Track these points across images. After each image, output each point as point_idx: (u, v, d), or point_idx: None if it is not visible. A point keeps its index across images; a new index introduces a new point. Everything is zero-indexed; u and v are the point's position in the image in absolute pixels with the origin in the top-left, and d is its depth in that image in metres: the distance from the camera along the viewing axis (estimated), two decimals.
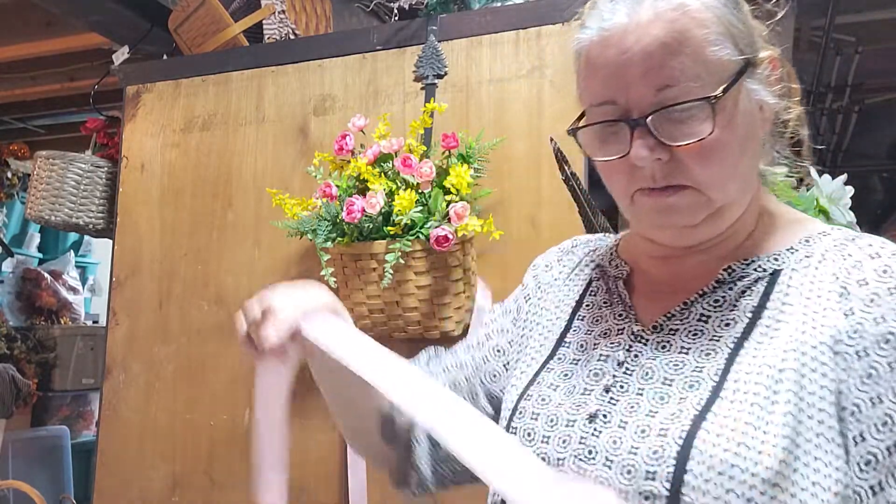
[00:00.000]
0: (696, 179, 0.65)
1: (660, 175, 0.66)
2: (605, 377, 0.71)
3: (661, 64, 0.63)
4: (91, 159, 2.01)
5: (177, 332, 1.75)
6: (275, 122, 1.73)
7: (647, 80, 0.64)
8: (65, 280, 3.88)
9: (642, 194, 0.68)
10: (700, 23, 0.64)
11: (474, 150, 1.38)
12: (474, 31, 1.54)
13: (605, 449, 0.65)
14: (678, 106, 0.63)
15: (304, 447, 1.57)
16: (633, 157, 0.65)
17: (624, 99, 0.66)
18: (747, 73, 0.66)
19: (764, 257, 0.69)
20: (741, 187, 0.68)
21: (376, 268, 1.36)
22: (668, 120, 0.64)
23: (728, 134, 0.64)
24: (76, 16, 2.02)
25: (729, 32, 0.65)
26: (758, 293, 0.68)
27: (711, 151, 0.64)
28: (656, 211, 0.68)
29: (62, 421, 3.36)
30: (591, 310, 0.79)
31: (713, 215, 0.68)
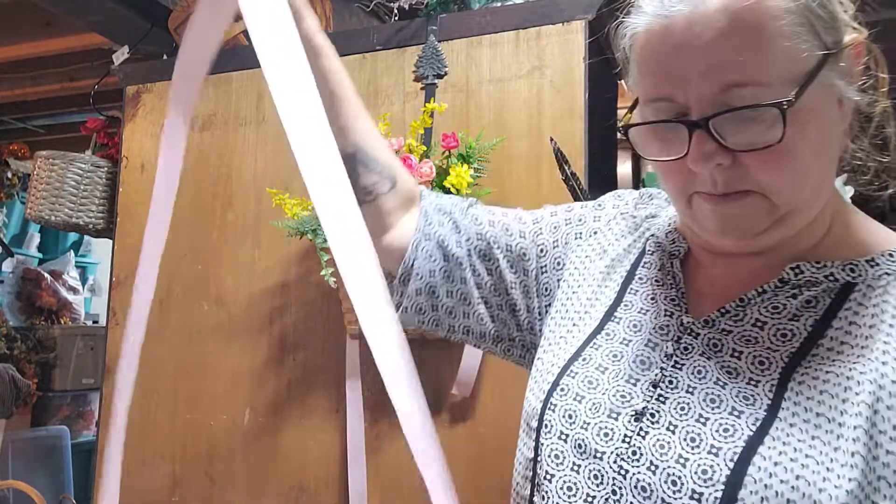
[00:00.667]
0: (761, 186, 0.58)
1: (721, 181, 0.59)
2: (652, 369, 0.65)
3: (727, 61, 0.56)
4: (91, 159, 2.01)
5: (177, 332, 1.75)
6: (275, 122, 1.72)
7: (710, 77, 0.56)
8: (65, 280, 3.88)
9: (701, 198, 0.61)
10: (774, 13, 0.56)
11: (474, 150, 1.38)
12: (474, 31, 1.54)
13: (651, 452, 0.61)
14: (745, 110, 0.56)
15: (304, 447, 1.57)
16: (691, 163, 0.58)
17: (683, 97, 0.58)
18: (827, 65, 0.58)
19: (838, 264, 0.61)
20: (813, 193, 0.61)
21: None
22: (732, 122, 0.57)
23: (800, 139, 0.57)
24: (76, 16, 2.02)
25: (809, 22, 0.57)
26: (823, 306, 0.61)
27: (780, 158, 0.57)
28: (716, 217, 0.61)
29: (62, 421, 3.36)
30: (643, 284, 0.72)
31: (779, 221, 0.61)
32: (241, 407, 1.65)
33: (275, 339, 1.64)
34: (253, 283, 1.68)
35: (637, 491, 0.60)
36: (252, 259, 1.69)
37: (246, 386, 1.65)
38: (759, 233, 0.61)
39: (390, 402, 0.36)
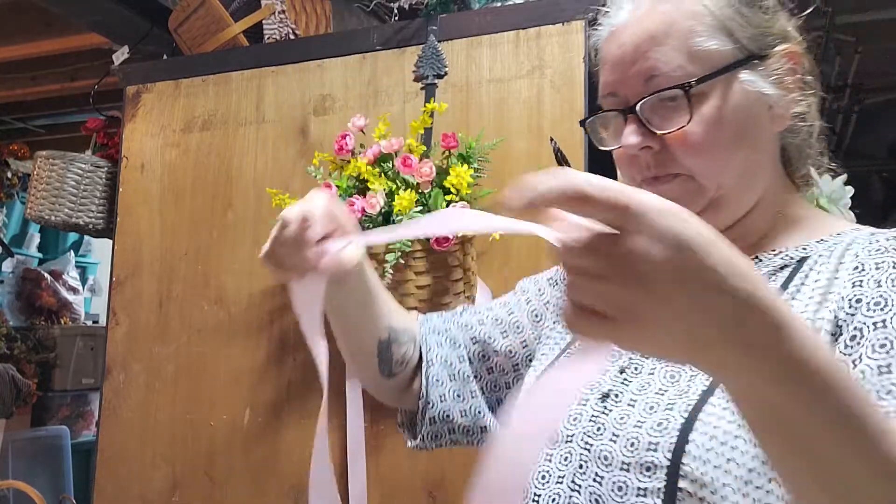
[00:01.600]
0: (685, 167, 0.67)
1: (653, 163, 0.68)
2: (621, 358, 0.72)
3: (647, 55, 0.67)
4: (91, 159, 2.01)
5: (177, 332, 1.75)
6: (275, 122, 1.73)
7: (636, 70, 0.68)
8: (65, 280, 3.88)
9: (645, 184, 0.70)
10: (689, 14, 0.67)
11: (474, 150, 1.38)
12: (474, 31, 1.54)
13: (613, 425, 0.66)
14: (660, 93, 0.66)
15: (305, 447, 1.57)
16: (623, 144, 0.69)
17: (622, 91, 0.69)
18: (746, 65, 0.67)
19: (792, 248, 0.69)
20: (740, 180, 0.68)
21: (376, 268, 1.36)
22: (658, 110, 0.67)
23: (714, 125, 0.66)
24: (76, 16, 2.02)
25: (723, 25, 0.67)
26: (782, 278, 0.67)
27: (696, 141, 0.66)
28: None
29: (62, 421, 3.36)
30: None
31: (712, 206, 0.68)
32: (241, 407, 1.65)
33: (275, 339, 1.64)
34: (253, 283, 1.68)
35: (600, 461, 0.65)
36: (252, 259, 1.69)
37: (246, 386, 1.65)
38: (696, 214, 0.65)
39: None
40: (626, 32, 0.69)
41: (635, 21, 0.69)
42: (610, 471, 0.63)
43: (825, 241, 0.68)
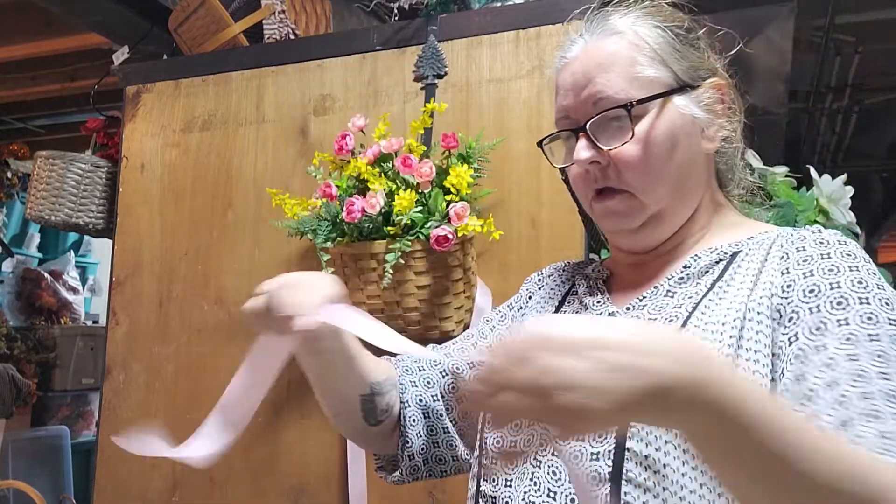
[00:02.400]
0: (627, 182, 0.76)
1: (599, 177, 0.77)
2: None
3: (595, 80, 0.76)
4: (91, 159, 2.01)
5: (177, 332, 1.75)
6: (275, 122, 1.73)
7: (587, 94, 0.77)
8: (65, 280, 3.88)
9: (595, 201, 0.79)
10: (633, 47, 0.77)
11: (474, 150, 1.38)
12: (474, 31, 1.54)
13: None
14: (606, 112, 0.75)
15: (304, 447, 1.57)
16: (575, 159, 0.77)
17: (574, 114, 0.78)
18: (680, 92, 0.77)
19: (725, 244, 0.78)
20: (677, 195, 0.78)
21: (376, 268, 1.36)
22: (604, 130, 0.76)
23: (652, 145, 0.75)
24: (76, 16, 2.02)
25: (660, 57, 0.77)
26: (718, 270, 0.76)
27: (635, 156, 0.75)
28: (603, 215, 0.79)
29: (62, 421, 3.36)
30: (571, 306, 0.87)
31: (653, 220, 0.78)
32: None
33: None
34: (253, 283, 1.67)
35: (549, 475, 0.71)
36: (252, 259, 1.69)
37: None
38: (637, 228, 0.78)
39: None
40: (577, 63, 0.79)
41: (585, 53, 0.79)
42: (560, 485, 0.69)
43: (754, 237, 0.77)
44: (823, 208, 1.22)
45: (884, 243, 5.71)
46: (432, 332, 1.39)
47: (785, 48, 1.61)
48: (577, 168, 0.79)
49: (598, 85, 0.76)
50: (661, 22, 0.79)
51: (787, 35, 1.57)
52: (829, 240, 0.71)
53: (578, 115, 0.78)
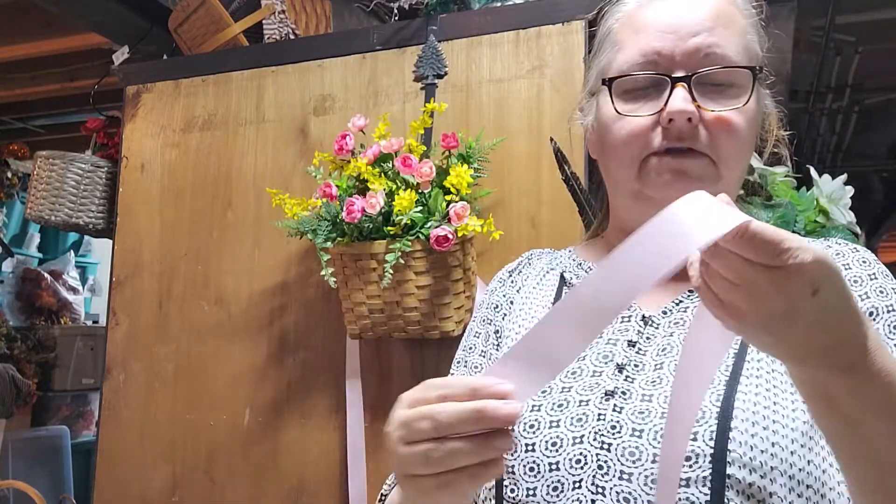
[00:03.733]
0: (716, 150, 0.68)
1: (688, 135, 0.68)
2: (615, 357, 0.70)
3: (713, 31, 0.68)
4: (91, 159, 2.01)
5: (177, 332, 1.75)
6: (275, 122, 1.73)
7: (697, 43, 0.68)
8: (65, 280, 3.88)
9: (656, 157, 0.70)
10: (744, 13, 0.72)
11: (474, 150, 1.38)
12: (474, 31, 1.54)
13: (631, 421, 0.64)
14: (722, 70, 0.67)
15: (305, 447, 1.57)
16: (672, 108, 0.67)
17: (669, 58, 0.69)
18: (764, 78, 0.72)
19: None
20: (739, 178, 0.74)
21: (376, 268, 1.36)
22: (702, 88, 0.68)
23: (752, 117, 0.70)
24: (76, 16, 2.02)
25: (759, 36, 0.73)
26: None
27: (739, 126, 0.68)
28: (669, 171, 0.69)
29: (62, 421, 3.36)
30: None
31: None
32: (241, 407, 1.65)
33: (275, 339, 1.64)
34: (253, 283, 1.68)
35: (625, 458, 0.63)
36: (252, 259, 1.69)
37: (246, 386, 1.65)
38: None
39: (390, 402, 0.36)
40: (682, 3, 0.70)
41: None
42: (639, 466, 0.62)
43: None
44: (823, 208, 1.22)
45: (884, 243, 5.71)
46: (432, 333, 1.39)
47: (785, 48, 1.61)
48: (645, 121, 0.69)
49: (716, 36, 0.68)
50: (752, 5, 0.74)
51: (787, 35, 1.57)
52: (867, 258, 0.70)
53: (674, 64, 0.69)
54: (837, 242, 0.73)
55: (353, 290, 1.41)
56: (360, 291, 1.40)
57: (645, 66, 0.70)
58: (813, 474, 0.60)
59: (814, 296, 0.46)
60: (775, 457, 0.59)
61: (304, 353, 1.61)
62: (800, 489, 0.59)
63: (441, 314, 1.38)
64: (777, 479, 0.59)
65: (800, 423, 0.61)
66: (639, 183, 0.72)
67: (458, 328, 1.40)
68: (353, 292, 1.41)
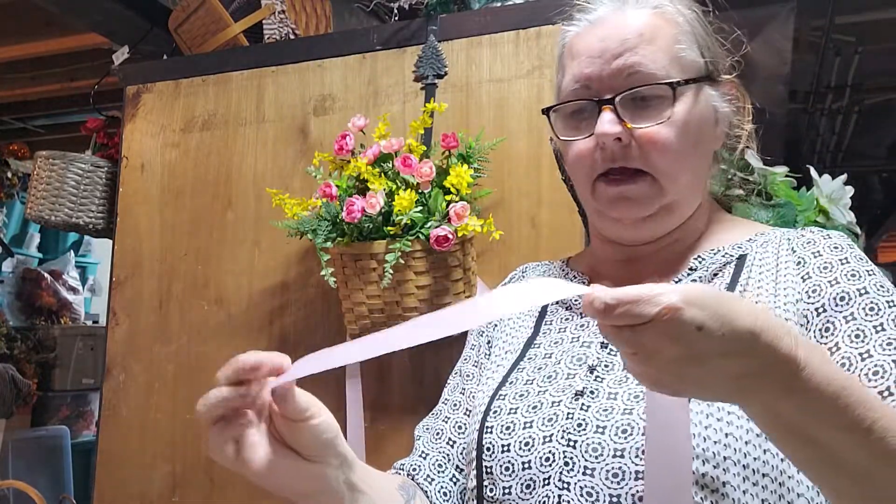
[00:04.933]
0: (652, 165, 0.71)
1: (619, 156, 0.71)
2: (588, 359, 0.73)
3: (635, 50, 0.70)
4: (91, 159, 2.01)
5: (177, 332, 1.75)
6: (275, 122, 1.73)
7: (620, 64, 0.70)
8: (65, 280, 3.88)
9: (603, 182, 0.73)
10: (673, 23, 0.73)
11: (474, 150, 1.38)
12: (474, 31, 1.54)
13: (596, 418, 0.66)
14: (644, 88, 0.70)
15: None
16: (598, 132, 0.70)
17: (598, 81, 0.72)
18: (709, 81, 0.74)
19: (728, 246, 0.75)
20: (691, 184, 0.75)
21: (376, 268, 1.36)
22: (632, 105, 0.71)
23: (682, 129, 0.71)
24: (76, 16, 2.02)
25: (696, 40, 0.74)
26: (728, 273, 0.73)
27: (667, 139, 0.70)
28: (613, 200, 0.73)
29: (62, 421, 3.36)
30: (556, 315, 0.81)
31: (665, 209, 0.74)
32: None
33: (275, 339, 1.64)
34: (253, 283, 1.68)
35: (588, 454, 0.65)
36: (252, 259, 1.69)
37: None
38: (647, 217, 0.74)
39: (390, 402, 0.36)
40: (607, 26, 0.72)
41: (619, 18, 0.73)
42: (601, 460, 0.64)
43: (754, 239, 0.75)
44: (823, 208, 1.22)
45: (884, 243, 5.72)
46: None
47: (785, 48, 1.61)
48: (587, 143, 0.73)
49: (637, 56, 0.70)
50: (693, 7, 0.76)
51: (787, 35, 1.57)
52: (840, 244, 0.71)
53: (603, 86, 0.71)
54: (811, 231, 0.74)
55: (353, 290, 1.41)
56: (360, 291, 1.40)
57: (578, 91, 0.73)
58: (769, 463, 0.62)
59: (700, 331, 0.46)
60: (728, 447, 0.61)
61: (304, 353, 1.60)
62: (755, 478, 0.61)
63: None
64: (730, 469, 0.61)
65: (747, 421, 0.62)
66: (594, 202, 0.77)
67: None
68: (353, 292, 1.41)
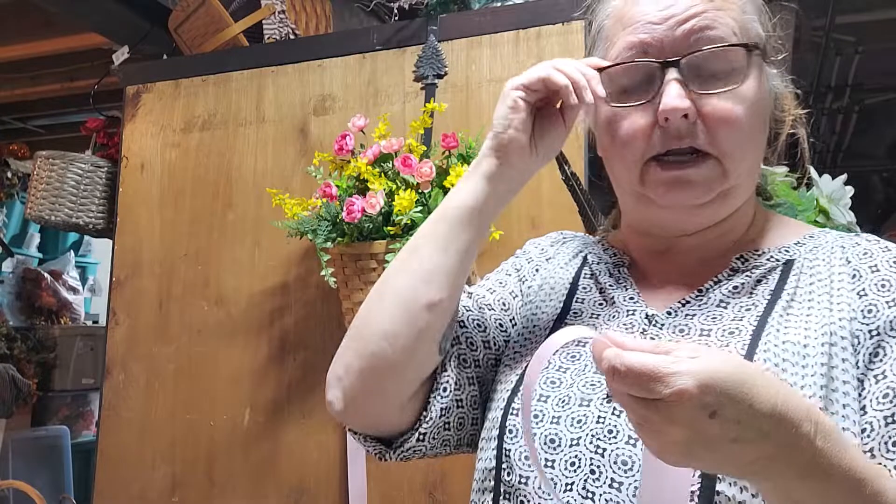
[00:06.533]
0: (719, 146, 0.64)
1: (685, 133, 0.64)
2: None
3: (704, 15, 0.65)
4: (91, 159, 2.01)
5: (177, 332, 1.75)
6: (275, 122, 1.73)
7: (687, 27, 0.64)
8: (65, 280, 3.88)
9: (657, 165, 0.66)
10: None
11: (474, 150, 1.38)
12: (474, 31, 1.54)
13: (628, 427, 0.62)
14: (717, 49, 0.63)
15: (304, 447, 1.57)
16: (665, 107, 0.64)
17: (658, 48, 0.65)
18: (768, 58, 0.68)
19: (774, 249, 0.70)
20: (751, 169, 0.69)
21: (376, 268, 1.36)
22: (696, 74, 0.64)
23: (754, 103, 0.65)
24: (76, 16, 2.02)
25: (760, 12, 0.69)
26: (774, 280, 0.68)
27: (739, 116, 0.64)
28: (670, 183, 0.66)
29: (62, 421, 3.36)
30: (589, 293, 0.77)
31: (723, 196, 0.67)
32: (241, 407, 1.65)
33: (275, 339, 1.64)
34: (253, 283, 1.68)
35: (617, 465, 0.61)
36: (252, 259, 1.69)
37: (246, 386, 1.65)
38: (704, 203, 0.67)
39: None
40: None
41: None
42: (629, 476, 0.60)
43: (802, 243, 0.71)
44: (823, 208, 1.22)
45: None
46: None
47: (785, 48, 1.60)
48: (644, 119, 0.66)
49: (707, 20, 0.64)
50: None
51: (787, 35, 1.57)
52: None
53: (663, 55, 0.65)
54: (867, 239, 0.68)
55: (353, 290, 1.41)
56: (360, 291, 1.40)
57: (634, 58, 0.67)
58: None
59: (713, 417, 0.45)
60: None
61: (304, 353, 1.61)
62: None
63: None
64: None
65: None
66: (641, 186, 0.69)
67: None
68: (353, 292, 1.41)
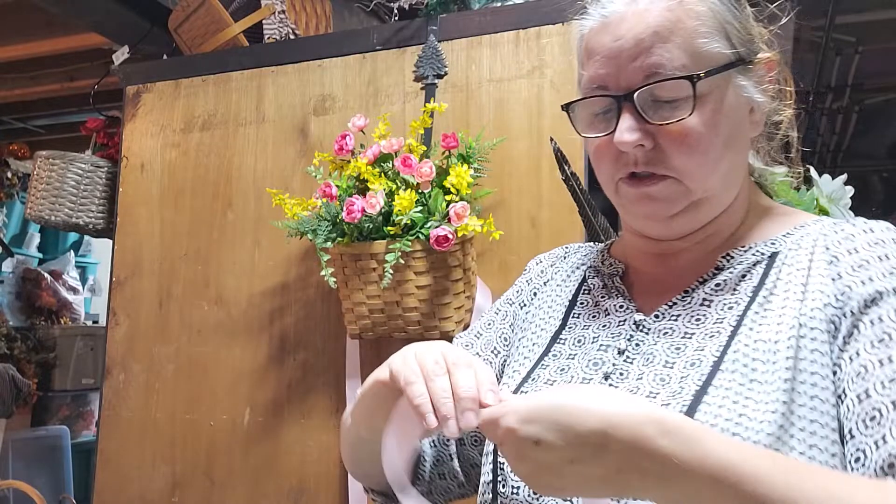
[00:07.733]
0: (676, 168, 0.67)
1: (642, 161, 0.67)
2: (604, 365, 0.71)
3: (651, 50, 0.65)
4: (91, 159, 2.01)
5: (177, 332, 1.75)
6: (275, 122, 1.73)
7: (637, 66, 0.66)
8: (65, 280, 3.88)
9: (625, 183, 0.70)
10: (693, 14, 0.67)
11: (474, 150, 1.38)
12: (474, 31, 1.54)
13: None
14: (662, 83, 0.65)
15: (304, 447, 1.57)
16: (619, 138, 0.66)
17: (615, 82, 0.68)
18: (738, 69, 0.68)
19: (760, 243, 0.71)
20: (723, 183, 0.69)
21: (376, 268, 1.36)
22: (653, 102, 0.66)
23: (710, 125, 0.66)
24: (76, 16, 2.02)
25: (722, 27, 0.68)
26: (757, 275, 0.69)
27: (693, 140, 0.66)
28: (637, 200, 0.69)
29: (62, 421, 3.36)
30: (585, 307, 0.79)
31: (691, 207, 0.69)
32: (241, 407, 1.65)
33: (275, 339, 1.64)
34: (253, 283, 1.68)
35: None
36: (252, 259, 1.69)
37: (246, 386, 1.65)
38: (675, 214, 0.69)
39: None
40: (623, 25, 0.67)
41: (635, 14, 0.67)
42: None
43: (791, 234, 0.70)
44: (823, 208, 1.22)
45: None
46: (432, 333, 1.39)
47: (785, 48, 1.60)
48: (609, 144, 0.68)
49: (653, 56, 0.65)
50: None
51: (787, 35, 1.57)
52: (883, 238, 0.65)
53: (620, 85, 0.67)
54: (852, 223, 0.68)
55: (353, 290, 1.41)
56: (360, 291, 1.40)
57: (596, 92, 0.70)
58: None
59: (538, 445, 0.50)
60: None
61: (304, 353, 1.61)
62: None
63: (441, 314, 1.38)
64: None
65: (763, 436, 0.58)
66: (619, 207, 0.74)
67: (458, 328, 1.40)
68: (353, 292, 1.41)
